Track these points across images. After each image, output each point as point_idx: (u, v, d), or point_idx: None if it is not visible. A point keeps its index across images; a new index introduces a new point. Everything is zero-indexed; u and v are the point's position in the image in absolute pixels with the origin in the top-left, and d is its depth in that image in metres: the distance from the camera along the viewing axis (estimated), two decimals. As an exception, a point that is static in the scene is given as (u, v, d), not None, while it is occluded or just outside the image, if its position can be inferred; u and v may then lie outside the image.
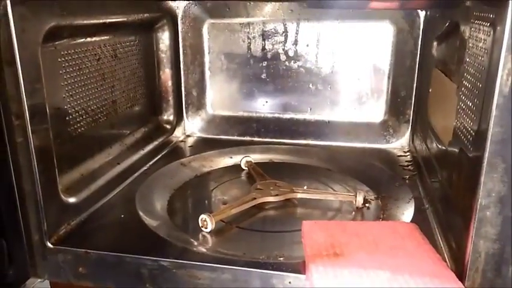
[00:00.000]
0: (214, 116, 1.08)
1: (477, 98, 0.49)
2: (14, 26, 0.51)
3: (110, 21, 0.75)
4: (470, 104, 0.52)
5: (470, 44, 0.55)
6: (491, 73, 0.44)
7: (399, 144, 0.99)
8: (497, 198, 0.45)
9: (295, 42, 0.99)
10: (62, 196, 0.62)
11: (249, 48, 1.02)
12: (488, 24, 0.47)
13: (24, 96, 0.53)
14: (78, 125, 0.70)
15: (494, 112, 0.43)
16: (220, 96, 1.07)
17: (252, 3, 0.98)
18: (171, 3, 0.99)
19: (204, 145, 1.02)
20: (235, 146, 0.99)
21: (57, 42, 0.64)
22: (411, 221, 0.65)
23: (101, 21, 0.73)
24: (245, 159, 0.90)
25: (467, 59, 0.56)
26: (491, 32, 0.46)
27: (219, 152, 0.96)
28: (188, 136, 1.08)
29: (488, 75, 0.46)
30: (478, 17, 0.52)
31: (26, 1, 0.53)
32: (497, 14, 0.44)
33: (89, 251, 0.58)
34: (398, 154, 0.95)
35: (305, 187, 0.78)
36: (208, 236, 0.65)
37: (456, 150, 0.57)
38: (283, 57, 1.01)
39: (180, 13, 1.00)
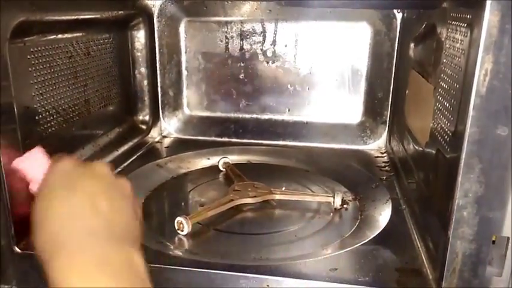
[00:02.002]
0: (192, 116, 1.07)
1: (454, 99, 0.50)
2: (-21, 20, 0.49)
3: (83, 17, 0.73)
4: (447, 105, 0.52)
5: (447, 45, 0.56)
6: (468, 74, 0.44)
7: (376, 145, 0.99)
8: (474, 198, 0.45)
9: (274, 43, 0.99)
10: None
11: (226, 48, 1.01)
12: (465, 25, 0.47)
13: (-10, 95, 0.51)
14: (49, 124, 0.67)
15: (471, 113, 0.43)
16: (197, 96, 1.05)
17: (229, 2, 0.97)
18: (147, 1, 0.97)
19: (181, 146, 1.00)
20: (212, 147, 0.97)
21: (26, 39, 0.61)
22: (388, 222, 0.65)
23: (73, 17, 0.71)
24: (223, 160, 0.89)
25: (444, 60, 0.56)
26: (468, 33, 0.46)
27: (196, 153, 0.95)
28: (164, 137, 1.06)
29: (465, 75, 0.46)
30: (455, 18, 0.53)
31: (-8, -6, 0.51)
32: (474, 14, 0.45)
33: (59, 256, 0.56)
34: (376, 155, 0.96)
35: (283, 188, 0.78)
36: (184, 239, 0.64)
37: (433, 151, 0.57)
38: (261, 58, 1.00)
39: (156, 11, 0.99)
